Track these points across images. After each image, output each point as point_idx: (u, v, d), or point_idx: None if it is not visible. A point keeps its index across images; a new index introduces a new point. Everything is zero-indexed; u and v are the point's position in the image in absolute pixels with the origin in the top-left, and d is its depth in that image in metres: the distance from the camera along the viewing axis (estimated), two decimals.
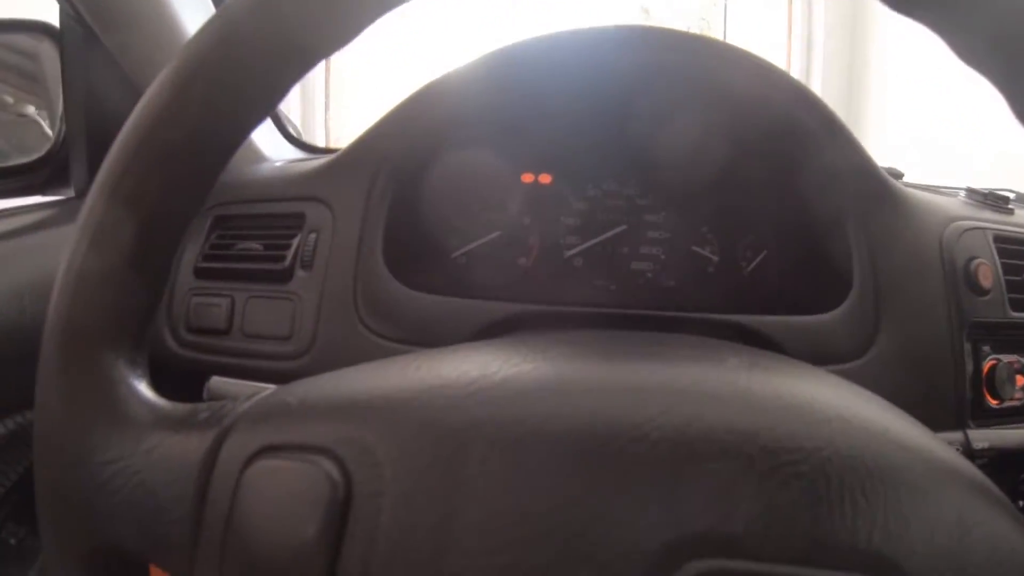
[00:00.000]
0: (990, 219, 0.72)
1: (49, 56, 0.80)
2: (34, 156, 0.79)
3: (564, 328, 0.62)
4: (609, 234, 0.78)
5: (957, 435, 0.56)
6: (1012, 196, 0.78)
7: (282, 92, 0.30)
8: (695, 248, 0.78)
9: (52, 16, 0.77)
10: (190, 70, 0.27)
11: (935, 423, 0.58)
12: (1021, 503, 0.73)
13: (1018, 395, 0.68)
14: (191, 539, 0.26)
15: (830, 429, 0.25)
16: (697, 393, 0.26)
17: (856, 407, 0.28)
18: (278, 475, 0.25)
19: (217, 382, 0.53)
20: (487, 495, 0.24)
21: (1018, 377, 0.69)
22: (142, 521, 0.26)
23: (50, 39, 0.79)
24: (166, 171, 0.28)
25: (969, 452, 0.55)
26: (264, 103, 0.29)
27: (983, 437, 0.56)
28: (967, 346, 0.65)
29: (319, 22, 0.28)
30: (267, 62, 0.28)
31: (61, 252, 0.66)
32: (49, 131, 0.82)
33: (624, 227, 0.78)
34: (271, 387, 0.30)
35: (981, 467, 0.56)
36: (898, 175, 1.03)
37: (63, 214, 0.76)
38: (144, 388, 0.29)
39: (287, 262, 0.66)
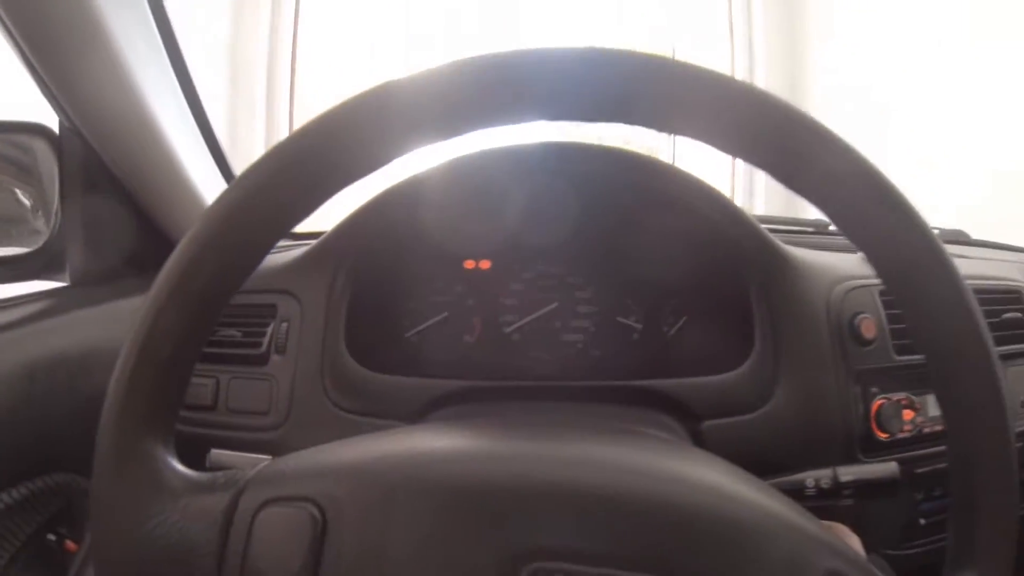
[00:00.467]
0: None
1: (43, 152, 0.84)
2: (33, 247, 0.84)
3: (498, 400, 0.72)
4: (543, 311, 0.87)
5: (828, 471, 0.64)
6: None
7: (284, 235, 0.40)
8: (620, 319, 0.88)
9: None
10: (207, 236, 0.37)
11: (829, 459, 0.66)
12: (923, 521, 0.83)
13: (907, 427, 0.76)
14: (217, 568, 0.35)
15: (630, 479, 0.37)
16: (535, 458, 0.39)
17: (659, 461, 0.40)
18: (278, 517, 0.36)
19: (217, 454, 0.61)
20: (407, 527, 0.35)
21: (906, 412, 0.76)
22: (180, 559, 0.36)
23: (46, 140, 0.84)
24: (193, 311, 0.38)
25: (837, 486, 0.63)
26: (264, 252, 0.40)
27: (849, 472, 0.62)
28: (856, 390, 0.74)
29: (305, 199, 0.38)
30: (264, 233, 0.39)
31: (65, 334, 0.74)
32: (26, 202, 0.87)
33: (556, 304, 0.88)
34: (266, 458, 0.41)
35: (851, 496, 0.65)
36: (823, 226, 1.14)
37: (64, 302, 0.83)
38: (175, 463, 0.39)
39: (263, 348, 0.75)
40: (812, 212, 0.72)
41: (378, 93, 0.37)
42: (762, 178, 2.76)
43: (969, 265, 1.00)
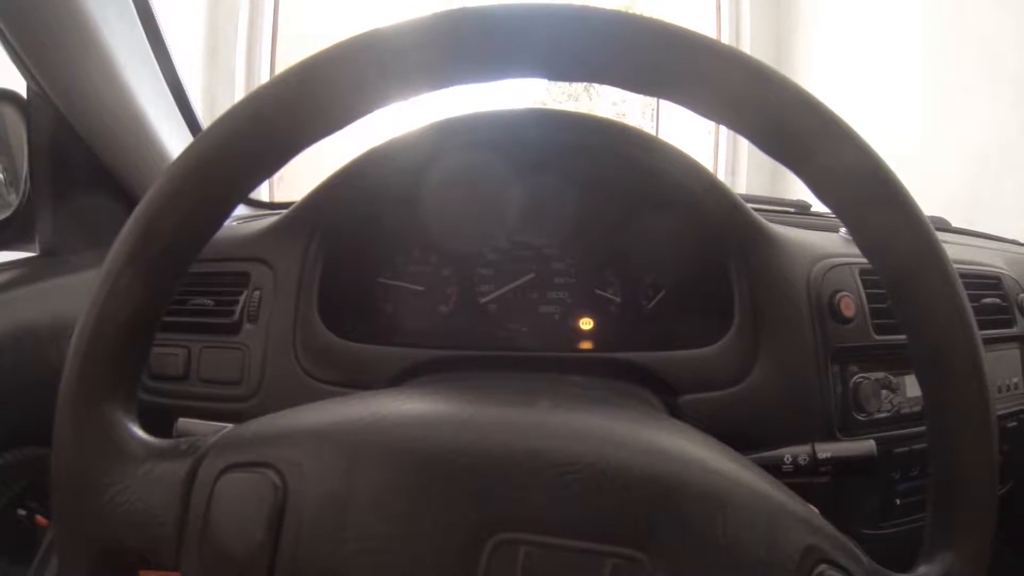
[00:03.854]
0: (860, 254, 0.81)
1: (11, 118, 0.83)
2: (1, 217, 0.83)
3: (473, 370, 0.71)
4: (519, 282, 0.87)
5: (806, 448, 0.65)
6: None
7: (248, 193, 0.39)
8: (598, 291, 0.87)
9: None
10: (166, 195, 0.37)
11: (807, 438, 0.66)
12: (899, 501, 0.83)
13: (886, 407, 0.76)
14: (178, 536, 0.35)
15: (605, 448, 0.36)
16: (505, 425, 0.38)
17: (636, 432, 0.39)
18: (239, 484, 0.35)
19: (184, 423, 0.60)
20: (369, 493, 0.35)
21: (884, 391, 0.77)
22: (141, 526, 0.35)
23: (14, 106, 0.83)
24: (153, 273, 0.37)
25: (815, 462, 0.63)
26: (227, 211, 0.39)
27: (826, 449, 0.62)
28: (834, 368, 0.73)
29: (263, 160, 0.37)
30: (226, 191, 0.38)
31: (34, 305, 0.73)
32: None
33: (533, 275, 0.88)
34: (230, 426, 0.40)
35: (828, 473, 0.65)
36: (805, 207, 1.14)
37: (33, 272, 0.82)
38: (136, 429, 0.38)
39: (235, 316, 0.73)
40: (794, 192, 0.72)
41: (361, 42, 0.36)
42: (745, 156, 2.77)
43: (950, 250, 1.00)
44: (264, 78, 2.74)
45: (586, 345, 0.85)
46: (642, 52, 0.36)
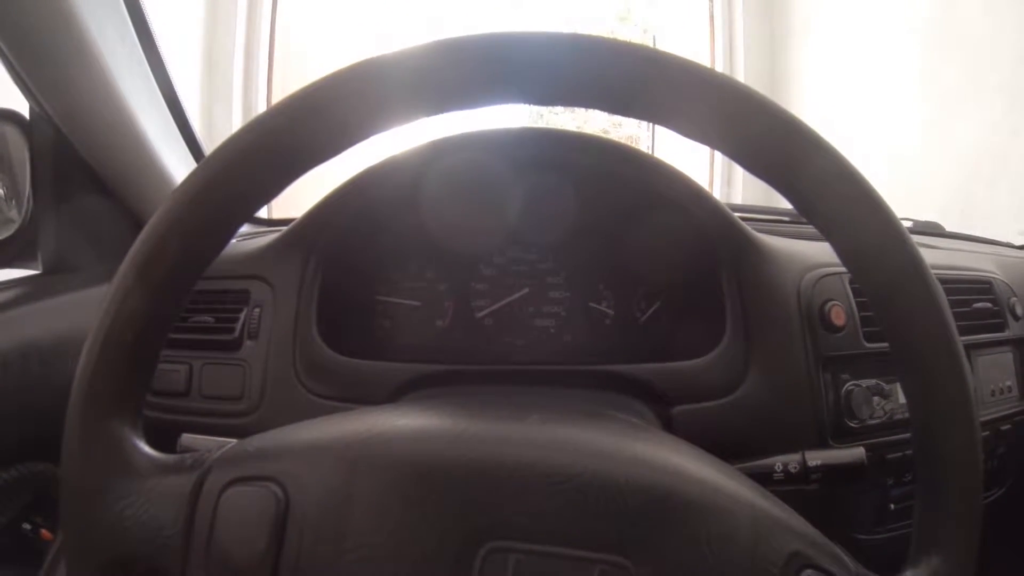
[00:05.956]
0: None
1: (14, 137, 0.84)
2: (4, 235, 0.83)
3: (469, 384, 0.72)
4: (514, 296, 0.88)
5: (796, 456, 0.65)
6: None
7: (252, 214, 0.41)
8: (592, 304, 0.88)
9: None
10: (172, 217, 0.38)
11: (800, 445, 0.66)
12: (892, 506, 0.84)
13: (879, 413, 0.77)
14: (184, 547, 0.36)
15: (591, 460, 0.37)
16: (496, 438, 0.40)
17: (621, 443, 0.40)
18: (243, 497, 0.37)
19: (188, 438, 0.61)
20: (367, 504, 0.36)
21: (876, 398, 0.77)
22: (148, 538, 0.37)
23: (16, 126, 0.83)
24: (159, 293, 0.38)
25: (805, 470, 0.64)
26: (231, 233, 0.41)
27: (817, 456, 0.63)
28: (825, 377, 0.74)
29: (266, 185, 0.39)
30: (230, 214, 0.39)
31: (38, 323, 0.73)
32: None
33: (527, 289, 0.89)
34: (233, 441, 0.41)
35: (818, 481, 0.66)
36: (798, 215, 1.14)
37: (36, 290, 0.83)
38: (143, 445, 0.39)
39: (236, 333, 0.75)
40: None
41: (357, 70, 0.37)
42: (740, 168, 2.79)
43: (942, 255, 1.02)
44: (261, 94, 2.76)
45: (581, 358, 0.86)
46: (629, 78, 0.37)
